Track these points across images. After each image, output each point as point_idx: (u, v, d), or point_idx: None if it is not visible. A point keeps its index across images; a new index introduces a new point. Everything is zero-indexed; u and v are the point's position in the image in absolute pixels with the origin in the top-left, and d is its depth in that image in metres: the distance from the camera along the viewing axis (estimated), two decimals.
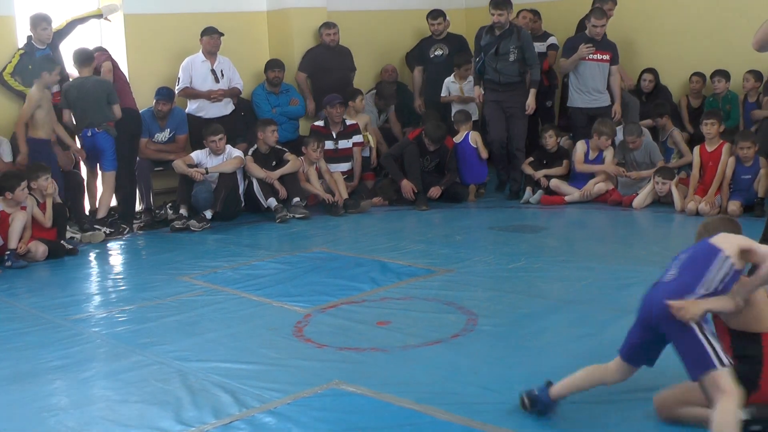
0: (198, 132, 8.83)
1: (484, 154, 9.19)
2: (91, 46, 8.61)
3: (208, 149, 8.51)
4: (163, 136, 9.09)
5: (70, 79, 8.52)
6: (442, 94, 9.92)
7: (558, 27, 10.64)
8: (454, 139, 9.23)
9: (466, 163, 9.23)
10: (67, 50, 8.66)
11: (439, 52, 10.20)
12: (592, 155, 8.91)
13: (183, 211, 8.36)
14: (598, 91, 9.24)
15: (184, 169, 8.37)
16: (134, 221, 8.48)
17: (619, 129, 9.29)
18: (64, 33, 8.65)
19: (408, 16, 11.11)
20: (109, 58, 8.56)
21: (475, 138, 9.21)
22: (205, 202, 8.38)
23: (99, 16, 9.01)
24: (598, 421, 3.72)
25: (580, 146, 8.96)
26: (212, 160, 8.49)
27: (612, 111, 9.26)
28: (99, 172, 8.46)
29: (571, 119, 9.65)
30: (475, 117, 9.87)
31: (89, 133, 8.14)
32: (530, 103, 9.08)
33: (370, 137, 9.65)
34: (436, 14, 10.30)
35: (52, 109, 7.97)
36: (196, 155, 8.53)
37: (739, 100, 9.29)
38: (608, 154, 8.84)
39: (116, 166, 8.26)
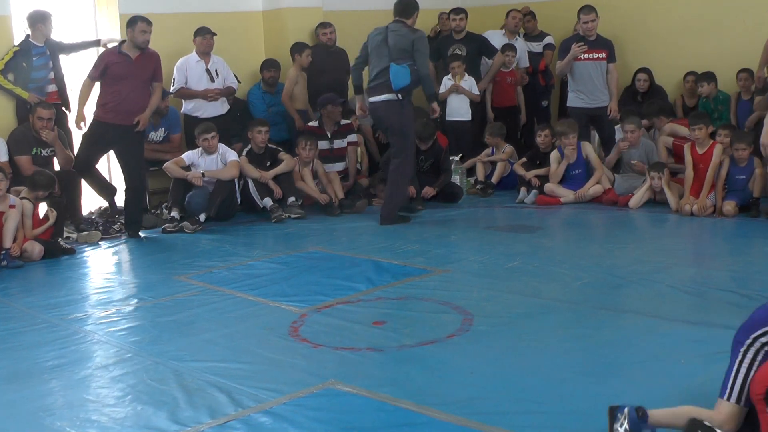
0: (194, 132, 8.82)
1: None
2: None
3: (200, 149, 8.48)
4: (158, 135, 9.11)
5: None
6: (440, 91, 9.91)
7: (554, 27, 10.65)
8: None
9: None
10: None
11: (458, 52, 10.14)
12: (571, 159, 8.87)
13: (175, 213, 8.32)
14: (596, 90, 9.21)
15: (180, 173, 8.32)
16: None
17: (617, 128, 9.31)
18: (65, 47, 8.63)
19: None
20: None
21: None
22: (198, 207, 8.32)
23: (97, 43, 9.01)
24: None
25: (554, 157, 8.96)
26: (204, 159, 8.46)
27: (608, 109, 9.26)
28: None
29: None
30: (467, 117, 9.90)
31: None
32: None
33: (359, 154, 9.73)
34: (459, 10, 10.25)
35: (306, 84, 9.67)
36: (188, 156, 8.49)
37: (731, 100, 9.30)
38: (589, 151, 8.85)
39: None
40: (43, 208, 7.52)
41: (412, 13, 8.14)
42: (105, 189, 8.50)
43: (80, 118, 8.03)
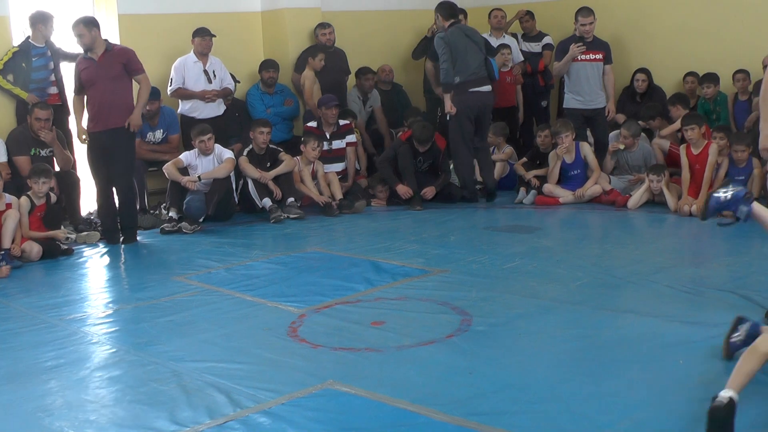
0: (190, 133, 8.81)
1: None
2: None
3: (197, 150, 8.48)
4: (156, 136, 9.11)
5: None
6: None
7: (552, 27, 10.65)
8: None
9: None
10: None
11: None
12: (569, 159, 8.88)
13: (173, 214, 8.31)
14: (593, 91, 9.22)
15: (176, 177, 8.29)
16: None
17: (612, 135, 9.30)
18: (64, 55, 8.63)
19: (403, 16, 11.11)
20: None
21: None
22: (198, 210, 8.31)
23: None
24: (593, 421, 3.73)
25: (553, 157, 8.96)
26: (202, 161, 8.46)
27: (606, 110, 9.28)
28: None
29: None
30: None
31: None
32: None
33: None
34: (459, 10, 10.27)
35: (319, 86, 9.67)
36: (185, 157, 8.47)
37: (728, 101, 9.31)
38: (587, 151, 8.85)
39: None
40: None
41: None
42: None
43: (80, 131, 7.71)
